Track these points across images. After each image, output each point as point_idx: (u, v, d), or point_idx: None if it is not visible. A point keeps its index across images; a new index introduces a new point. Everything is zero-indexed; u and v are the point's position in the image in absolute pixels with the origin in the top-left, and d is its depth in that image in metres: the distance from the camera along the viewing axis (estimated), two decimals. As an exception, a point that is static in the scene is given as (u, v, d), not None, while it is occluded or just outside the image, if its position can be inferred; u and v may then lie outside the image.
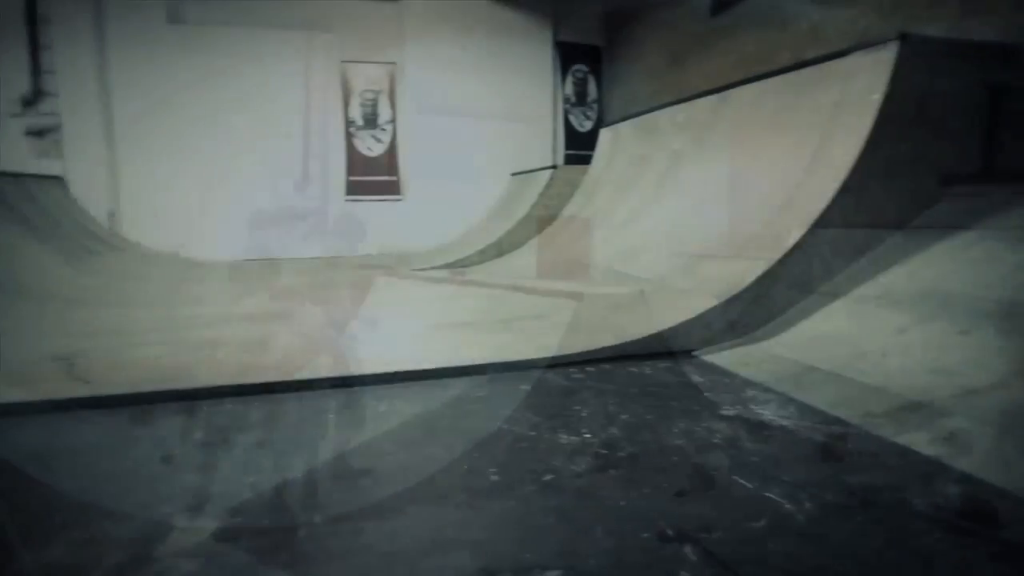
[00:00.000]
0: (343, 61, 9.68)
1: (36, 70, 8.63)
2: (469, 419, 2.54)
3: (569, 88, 10.90)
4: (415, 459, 2.17)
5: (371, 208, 10.00)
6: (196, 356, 3.38)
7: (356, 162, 9.85)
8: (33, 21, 8.55)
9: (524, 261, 6.96)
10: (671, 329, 3.42)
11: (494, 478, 2.00)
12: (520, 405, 2.68)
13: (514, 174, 10.22)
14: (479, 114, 10.28)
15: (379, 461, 2.14)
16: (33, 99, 8.66)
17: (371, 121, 9.87)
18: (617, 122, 7.53)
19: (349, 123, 9.77)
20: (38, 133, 8.69)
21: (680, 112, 5.94)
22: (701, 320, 3.45)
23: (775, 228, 3.79)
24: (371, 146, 9.90)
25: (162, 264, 7.71)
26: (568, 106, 10.92)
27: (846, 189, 3.55)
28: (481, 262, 7.59)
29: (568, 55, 10.78)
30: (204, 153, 9.26)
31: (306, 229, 9.69)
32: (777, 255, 3.53)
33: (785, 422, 2.43)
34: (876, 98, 3.61)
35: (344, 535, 1.66)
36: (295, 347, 3.57)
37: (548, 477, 2.00)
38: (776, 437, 2.30)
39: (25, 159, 8.44)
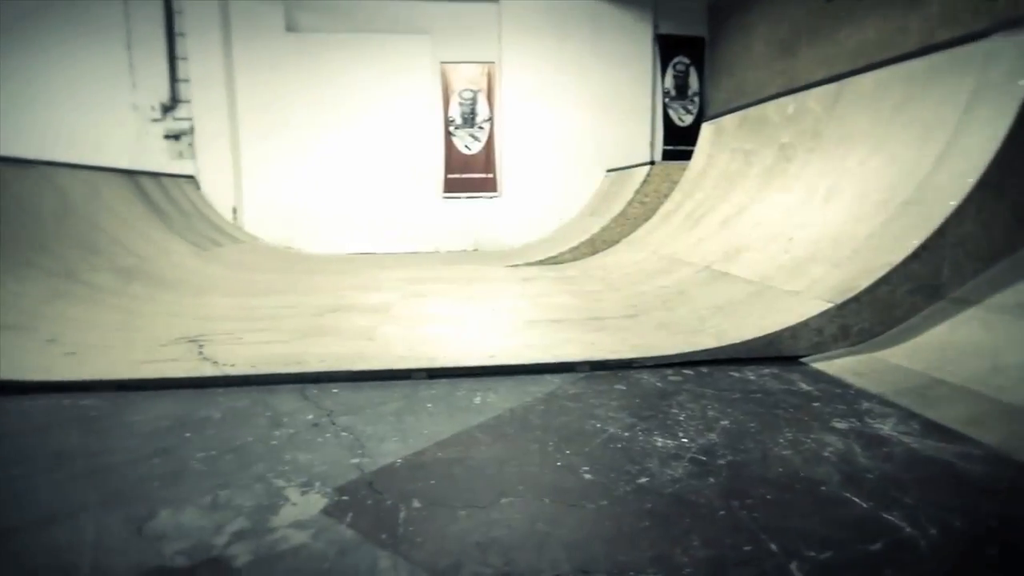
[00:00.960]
0: (443, 62, 9.95)
1: (173, 79, 9.56)
2: (562, 416, 2.54)
3: (669, 82, 10.59)
4: (508, 452, 2.20)
5: (468, 205, 10.24)
6: (306, 343, 3.61)
7: (454, 160, 10.11)
8: (171, 35, 9.47)
9: (618, 259, 6.85)
10: (777, 333, 3.23)
11: (587, 476, 1.98)
12: (614, 405, 2.65)
13: (610, 170, 10.08)
14: (575, 110, 10.23)
15: (473, 452, 2.19)
16: (171, 106, 9.60)
17: (469, 120, 10.09)
18: (720, 115, 7.22)
19: (448, 122, 10.04)
20: (175, 136, 9.63)
21: (791, 103, 5.59)
22: (810, 325, 3.23)
23: (897, 227, 3.48)
24: (469, 144, 10.12)
25: (277, 256, 8.29)
26: (667, 100, 10.62)
27: (984, 185, 3.19)
28: (574, 259, 7.56)
29: (669, 48, 10.48)
30: (314, 153, 9.87)
31: (406, 225, 10.08)
32: (899, 257, 3.24)
33: (907, 439, 2.24)
34: (1022, 84, 3.22)
35: (440, 521, 1.72)
36: (396, 338, 3.73)
37: (643, 480, 1.96)
38: (896, 455, 2.12)
39: (163, 160, 9.40)
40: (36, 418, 2.55)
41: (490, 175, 10.20)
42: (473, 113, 10.10)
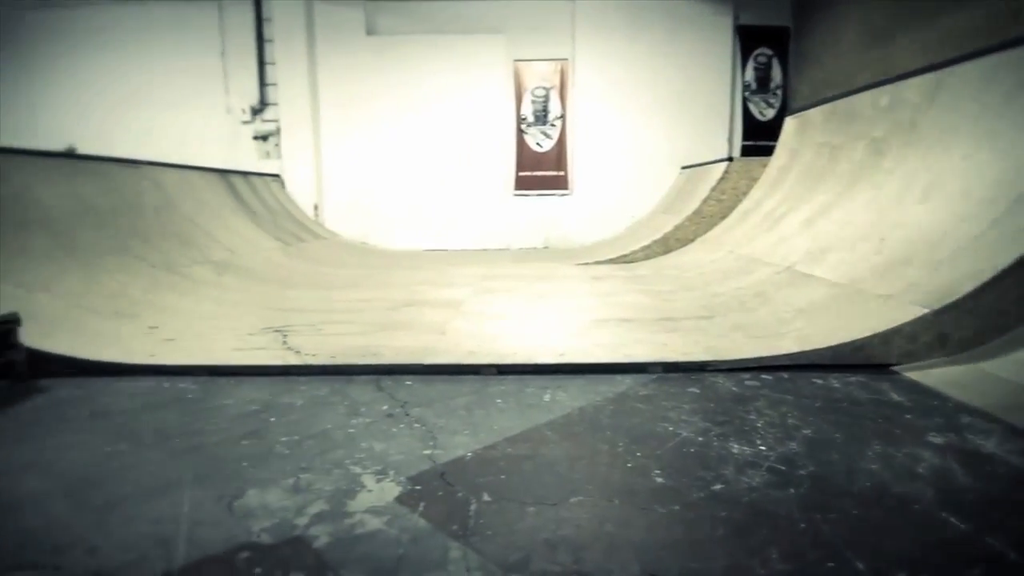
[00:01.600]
0: (516, 60, 10.00)
1: (262, 83, 10.11)
2: (633, 417, 2.50)
3: (750, 74, 10.18)
4: (577, 451, 2.19)
5: (539, 203, 10.25)
6: (381, 336, 3.74)
7: (525, 158, 10.14)
8: (261, 41, 10.01)
9: (691, 258, 6.67)
10: (866, 339, 3.05)
11: (659, 480, 1.95)
12: (687, 408, 2.58)
13: (685, 167, 9.82)
14: (649, 106, 10.03)
15: (543, 449, 2.20)
16: (259, 108, 10.16)
17: (541, 117, 10.09)
18: (805, 108, 6.87)
19: (520, 120, 10.09)
20: (263, 137, 10.18)
21: (884, 94, 5.24)
22: (904, 331, 3.03)
23: (1007, 227, 3.20)
24: (540, 142, 10.13)
25: (354, 252, 8.61)
26: (748, 94, 10.21)
27: (1113, 181, 2.88)
28: (646, 258, 7.41)
29: (750, 39, 10.07)
30: (390, 152, 10.17)
31: (477, 223, 10.22)
32: (1008, 260, 2.98)
33: (1013, 457, 2.06)
34: None
35: (510, 516, 1.73)
36: (466, 333, 3.79)
37: (718, 487, 1.90)
38: (1000, 474, 1.95)
39: (252, 160, 9.96)
40: (141, 398, 2.77)
41: (561, 173, 10.16)
42: (545, 111, 10.09)
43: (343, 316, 4.34)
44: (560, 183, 10.19)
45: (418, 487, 1.91)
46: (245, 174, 8.62)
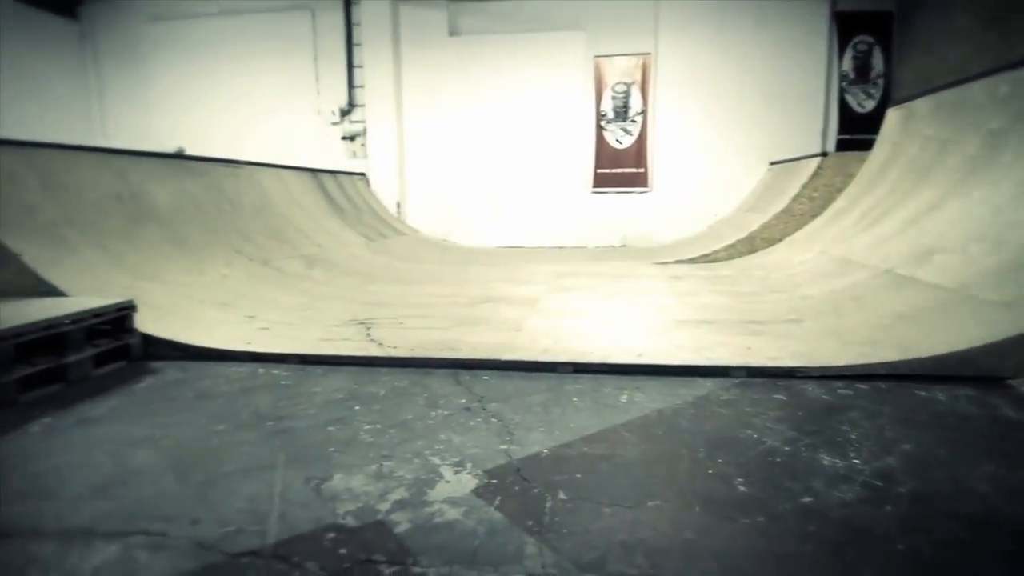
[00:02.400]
0: (596, 56, 9.89)
1: (351, 85, 10.54)
2: (714, 421, 2.42)
3: (848, 64, 9.58)
4: (655, 454, 2.14)
5: (617, 200, 10.11)
6: (459, 331, 3.81)
7: (604, 154, 10.03)
8: (350, 46, 10.44)
9: (779, 258, 6.36)
10: (978, 349, 2.80)
11: (742, 489, 1.87)
12: (773, 415, 2.47)
13: (773, 163, 9.38)
14: (736, 100, 9.66)
15: (619, 450, 2.17)
16: (348, 110, 10.61)
17: (622, 113, 9.94)
18: (910, 99, 6.38)
19: (600, 116, 9.97)
20: (350, 138, 10.63)
21: (1004, 83, 4.78)
22: None
23: None
24: (620, 138, 9.98)
25: (434, 248, 8.82)
26: (845, 84, 9.61)
27: None
28: (729, 257, 7.14)
29: (849, 25, 9.47)
30: (470, 150, 10.34)
31: (554, 220, 10.21)
32: None
33: None
34: None
35: (585, 515, 1.72)
36: (543, 331, 3.79)
37: (806, 499, 1.80)
38: None
39: (340, 159, 10.42)
40: (239, 382, 2.97)
41: (641, 170, 9.97)
42: (626, 106, 9.93)
43: (423, 310, 4.46)
44: (639, 180, 10.00)
45: (494, 481, 1.93)
46: (334, 173, 9.03)
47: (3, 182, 3.88)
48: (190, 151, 8.59)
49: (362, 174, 10.17)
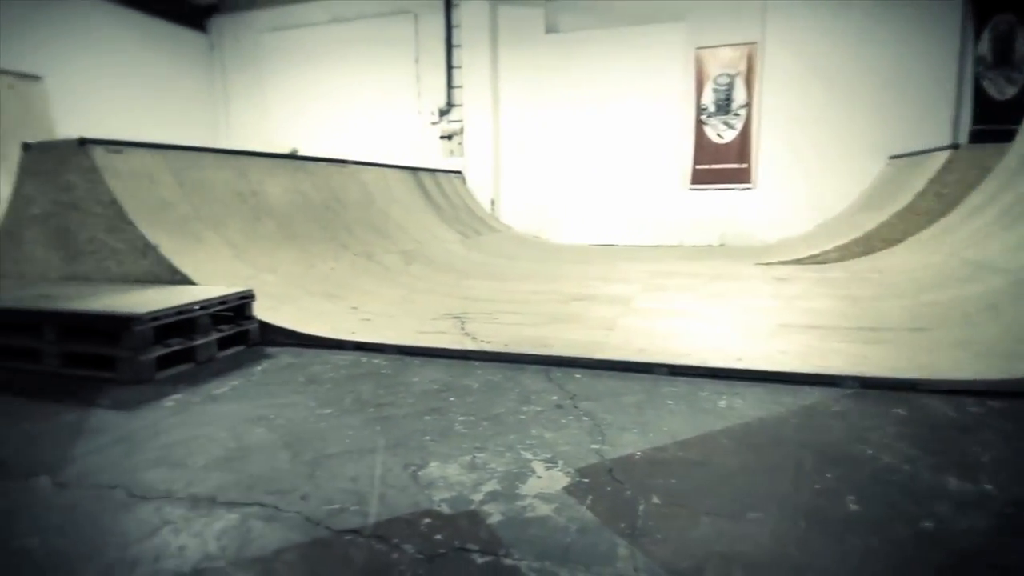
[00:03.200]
0: (698, 48, 9.53)
1: (450, 86, 10.82)
2: (823, 434, 2.27)
3: (985, 46, 8.61)
4: (757, 464, 2.04)
5: (716, 197, 9.71)
6: (552, 328, 3.82)
7: (704, 150, 9.65)
8: (450, 47, 10.72)
9: (899, 261, 5.84)
10: None
11: (854, 507, 1.74)
12: (891, 431, 2.27)
13: (893, 157, 8.63)
14: (851, 90, 8.97)
15: (717, 457, 2.08)
16: (446, 110, 10.90)
17: (724, 106, 9.52)
18: (1065, 84, 5.64)
19: (700, 110, 9.61)
20: (448, 137, 10.92)
21: None
22: None
23: None
24: (721, 132, 9.56)
25: (528, 245, 8.89)
26: (981, 69, 8.65)
27: None
28: (841, 259, 6.66)
29: (987, 4, 8.51)
30: (564, 146, 10.31)
31: (649, 218, 9.97)
32: None
33: None
34: None
35: (681, 522, 1.67)
36: (637, 330, 3.72)
37: (927, 524, 1.65)
38: None
39: (438, 157, 10.74)
40: (344, 369, 3.14)
41: (744, 165, 9.50)
42: (728, 99, 9.50)
43: (516, 306, 4.51)
44: (742, 176, 9.54)
45: (586, 480, 1.92)
46: (432, 171, 9.32)
47: (144, 181, 4.33)
48: (302, 151, 9.19)
49: (459, 172, 10.42)
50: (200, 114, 11.85)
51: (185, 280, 3.85)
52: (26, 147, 4.33)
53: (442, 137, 10.94)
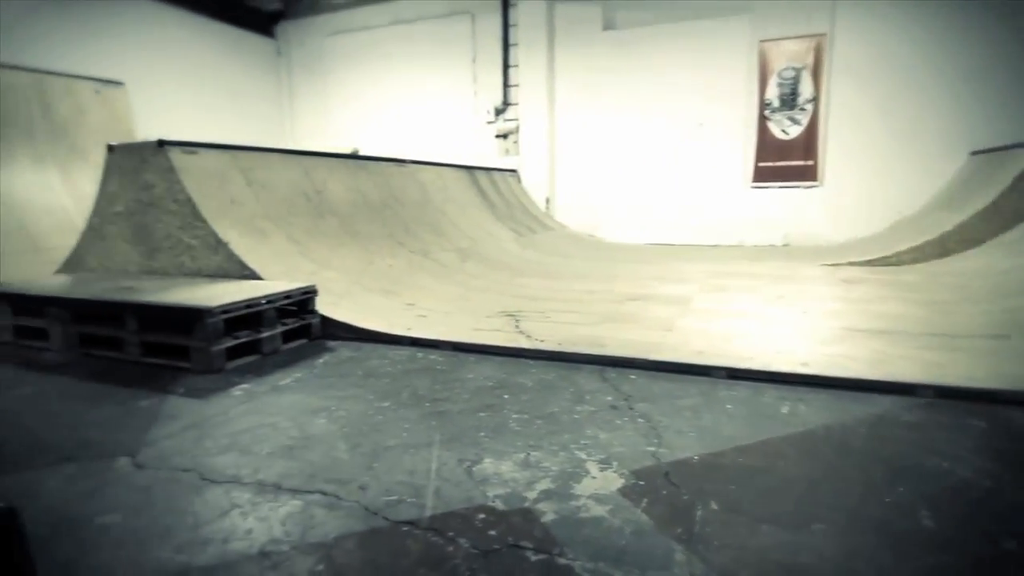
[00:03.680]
0: (762, 40, 9.21)
1: (506, 84, 10.86)
2: (894, 445, 2.15)
3: (1083, 32, 7.96)
4: (821, 473, 1.96)
5: (779, 195, 9.37)
6: (607, 327, 3.78)
7: (767, 146, 9.33)
8: (507, 46, 10.76)
9: (980, 264, 5.48)
10: None
11: (927, 523, 1.65)
12: (970, 444, 2.14)
13: (976, 152, 8.10)
14: (929, 81, 8.47)
15: (779, 464, 2.01)
16: (502, 109, 10.95)
17: (789, 101, 9.17)
18: None
19: (764, 105, 9.29)
20: (503, 136, 10.97)
21: None
22: None
23: None
24: (786, 128, 9.22)
25: (582, 244, 8.84)
26: (1078, 58, 8.00)
27: None
28: (915, 261, 6.30)
29: (1087, -13, 7.86)
30: (621, 144, 10.18)
31: (708, 217, 9.73)
32: None
33: None
34: None
35: (740, 529, 1.63)
36: (695, 332, 3.64)
37: (1009, 545, 1.55)
38: None
39: (493, 156, 10.81)
40: (401, 364, 3.21)
41: (810, 162, 9.12)
42: (794, 93, 9.14)
43: (570, 305, 4.49)
44: (807, 174, 9.16)
45: (641, 482, 1.89)
46: (487, 170, 9.39)
47: (216, 180, 4.55)
48: (362, 151, 9.43)
49: (513, 171, 10.45)
50: (267, 116, 12.34)
51: (253, 275, 4.02)
52: (110, 148, 4.63)
53: (498, 136, 11.00)
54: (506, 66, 10.80)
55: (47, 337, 3.63)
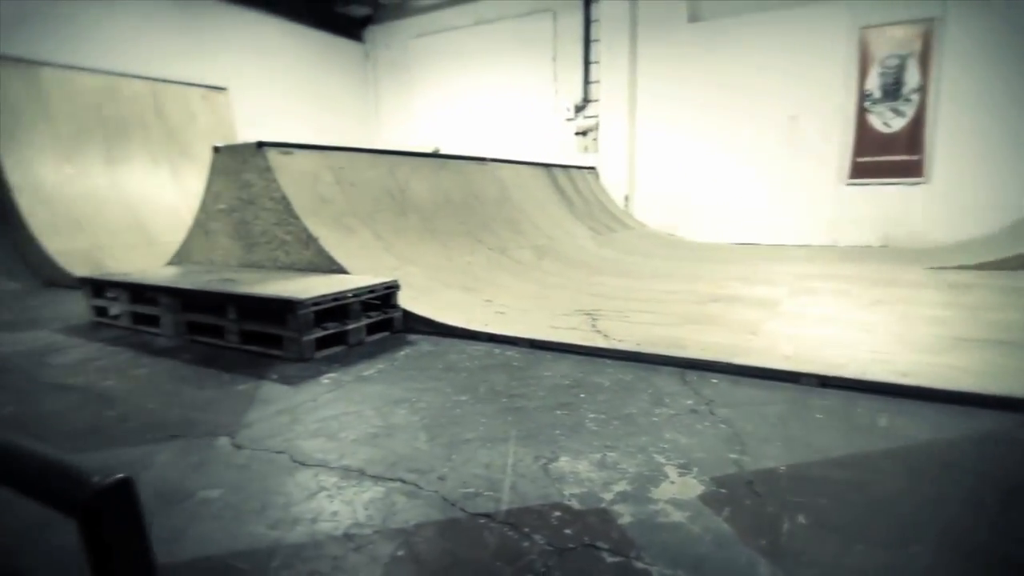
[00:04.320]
0: (863, 27, 8.63)
1: (586, 81, 10.77)
2: (1007, 465, 1.97)
3: None
4: (923, 492, 1.82)
5: (877, 192, 8.76)
6: (688, 329, 3.67)
7: (867, 140, 8.73)
8: (588, 43, 10.66)
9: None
10: None
11: (1049, 554, 1.50)
12: (1103, 469, 1.92)
13: (1115, 146, 7.24)
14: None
15: (874, 480, 1.89)
16: (582, 106, 10.86)
17: (892, 91, 8.54)
18: None
19: (864, 96, 8.70)
20: (582, 133, 10.88)
21: None
22: None
23: None
24: (889, 120, 8.59)
25: (661, 243, 8.64)
26: None
27: None
28: (1037, 265, 5.71)
29: None
30: (704, 140, 9.85)
31: (797, 216, 9.24)
32: None
33: None
34: None
35: (830, 547, 1.54)
36: (783, 336, 3.47)
37: None
38: None
39: (572, 154, 10.75)
40: (479, 359, 3.27)
41: (915, 156, 8.46)
42: (898, 83, 8.50)
43: (649, 306, 4.40)
44: (912, 169, 8.50)
45: (723, 490, 1.83)
46: (565, 167, 9.36)
47: (309, 179, 4.79)
48: (443, 150, 9.65)
49: (592, 168, 10.35)
50: (355, 116, 12.88)
51: (340, 270, 4.21)
52: (216, 149, 4.98)
53: (577, 133, 10.93)
54: (587, 62, 10.71)
55: (159, 324, 3.96)
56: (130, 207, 7.30)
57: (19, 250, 6.55)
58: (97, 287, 4.37)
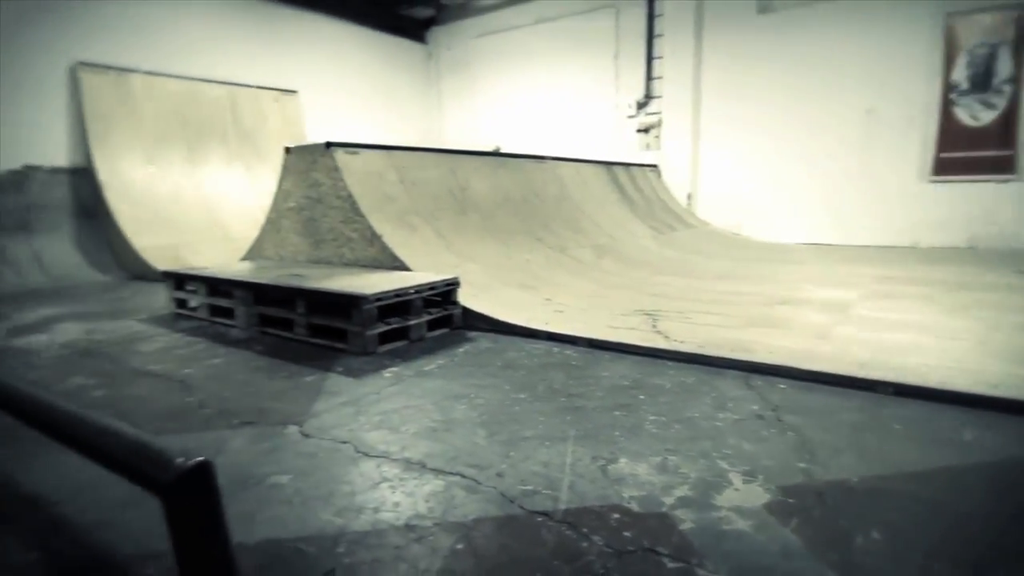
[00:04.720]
0: (949, 13, 8.08)
1: (649, 77, 10.58)
2: (1115, 489, 1.81)
3: None
4: (1012, 512, 1.69)
5: (966, 191, 8.19)
6: (753, 332, 3.55)
7: (952, 135, 8.18)
8: (651, 38, 10.46)
9: None
10: None
11: None
12: None
13: None
14: None
15: (958, 497, 1.77)
16: (644, 102, 10.67)
17: (981, 83, 7.97)
18: None
19: (949, 88, 8.16)
20: (644, 130, 10.70)
21: None
22: None
23: None
24: (977, 114, 8.02)
25: (725, 242, 8.38)
26: None
27: None
28: None
29: None
30: (771, 136, 9.49)
31: (873, 215, 8.77)
32: None
33: None
34: None
35: (906, 565, 1.45)
36: (856, 341, 3.30)
37: None
38: None
39: (633, 151, 10.59)
40: (538, 358, 3.27)
41: (1007, 152, 7.85)
42: (988, 73, 7.92)
43: (712, 307, 4.28)
44: (1003, 165, 7.90)
45: (790, 500, 1.76)
46: (626, 165, 9.23)
47: (374, 178, 4.92)
48: (504, 148, 9.70)
49: (654, 166, 10.16)
50: (418, 116, 13.13)
51: (403, 266, 4.31)
52: (287, 150, 5.19)
53: (639, 130, 10.75)
54: (649, 58, 10.51)
55: (233, 316, 4.17)
56: (208, 205, 7.71)
57: (109, 246, 7.05)
58: (178, 280, 4.64)
